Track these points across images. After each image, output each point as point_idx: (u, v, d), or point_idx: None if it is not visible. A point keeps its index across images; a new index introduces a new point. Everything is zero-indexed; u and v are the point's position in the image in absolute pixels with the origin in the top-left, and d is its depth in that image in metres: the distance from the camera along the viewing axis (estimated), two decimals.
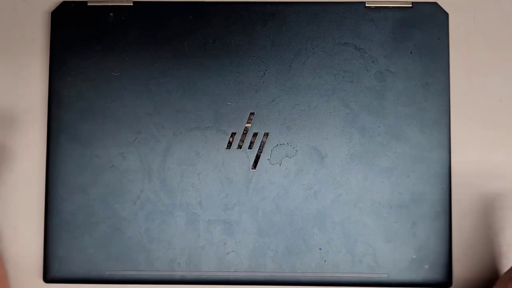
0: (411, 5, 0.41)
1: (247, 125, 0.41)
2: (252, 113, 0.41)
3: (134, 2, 0.42)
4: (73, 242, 0.40)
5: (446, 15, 0.41)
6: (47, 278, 0.40)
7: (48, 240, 0.40)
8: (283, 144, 0.40)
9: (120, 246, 0.40)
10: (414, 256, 0.39)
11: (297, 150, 0.40)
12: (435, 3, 0.41)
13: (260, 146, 0.40)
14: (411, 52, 0.41)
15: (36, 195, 0.42)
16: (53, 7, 0.42)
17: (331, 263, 0.40)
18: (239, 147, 0.40)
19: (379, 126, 0.40)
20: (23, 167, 0.43)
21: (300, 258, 0.40)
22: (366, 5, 0.41)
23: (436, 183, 0.40)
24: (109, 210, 0.40)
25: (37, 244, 0.42)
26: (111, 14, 0.42)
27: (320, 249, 0.40)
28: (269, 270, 0.40)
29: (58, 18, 0.42)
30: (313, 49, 0.41)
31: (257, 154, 0.40)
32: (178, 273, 0.40)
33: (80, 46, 0.41)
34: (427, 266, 0.39)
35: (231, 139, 0.40)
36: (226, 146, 0.40)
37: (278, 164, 0.40)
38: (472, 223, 0.41)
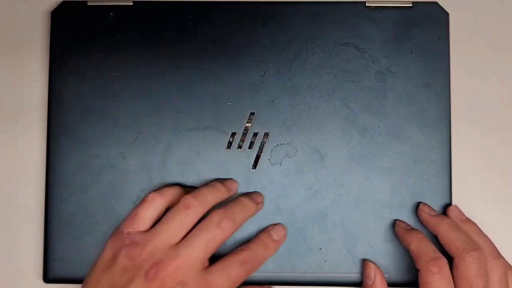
0: (411, 5, 0.41)
1: (247, 125, 0.40)
2: (252, 113, 0.41)
3: (134, 2, 0.42)
4: (73, 242, 0.40)
5: (446, 14, 0.41)
6: (47, 278, 0.40)
7: (48, 240, 0.40)
8: (283, 144, 0.40)
9: None
10: None
11: (297, 150, 0.40)
12: (436, 3, 0.41)
13: (260, 146, 0.40)
14: (411, 52, 0.41)
15: (36, 195, 0.42)
16: (53, 7, 0.42)
17: (332, 263, 0.40)
18: (239, 147, 0.40)
19: (379, 126, 0.40)
20: (23, 167, 0.43)
21: (300, 258, 0.40)
22: (367, 4, 0.41)
23: (436, 183, 0.40)
24: (109, 210, 0.40)
25: (37, 244, 0.42)
26: (111, 14, 0.42)
27: (320, 249, 0.40)
28: (269, 270, 0.40)
29: (58, 17, 0.42)
30: (313, 49, 0.41)
31: (257, 154, 0.40)
32: None
33: (80, 46, 0.41)
34: None
35: (231, 139, 0.40)
36: (226, 146, 0.40)
37: (278, 164, 0.40)
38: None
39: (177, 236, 0.34)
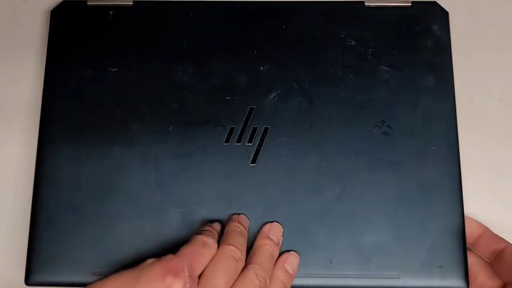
0: (410, 4, 0.41)
1: (246, 120, 0.39)
2: (252, 108, 0.39)
3: (134, 2, 0.42)
4: (61, 242, 0.37)
5: (446, 14, 0.41)
6: (28, 282, 0.37)
7: (32, 241, 0.38)
8: (283, 138, 0.39)
9: (119, 246, 0.37)
10: (426, 255, 0.37)
11: (297, 145, 0.39)
12: (435, 2, 0.42)
13: (259, 141, 0.39)
14: (411, 52, 0.41)
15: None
16: (52, 6, 0.42)
17: (337, 263, 0.37)
18: (238, 141, 0.39)
19: (381, 123, 0.39)
20: (21, 166, 0.41)
21: (303, 258, 0.37)
22: (366, 4, 0.42)
23: (446, 179, 0.38)
24: (102, 211, 0.38)
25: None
26: (111, 13, 0.42)
27: (325, 248, 0.37)
28: None
29: (57, 17, 0.42)
30: (313, 48, 0.41)
31: (256, 149, 0.39)
32: None
33: (79, 46, 0.41)
34: (441, 266, 0.36)
35: (230, 133, 0.39)
36: (225, 140, 0.39)
37: (277, 159, 0.38)
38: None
39: None
